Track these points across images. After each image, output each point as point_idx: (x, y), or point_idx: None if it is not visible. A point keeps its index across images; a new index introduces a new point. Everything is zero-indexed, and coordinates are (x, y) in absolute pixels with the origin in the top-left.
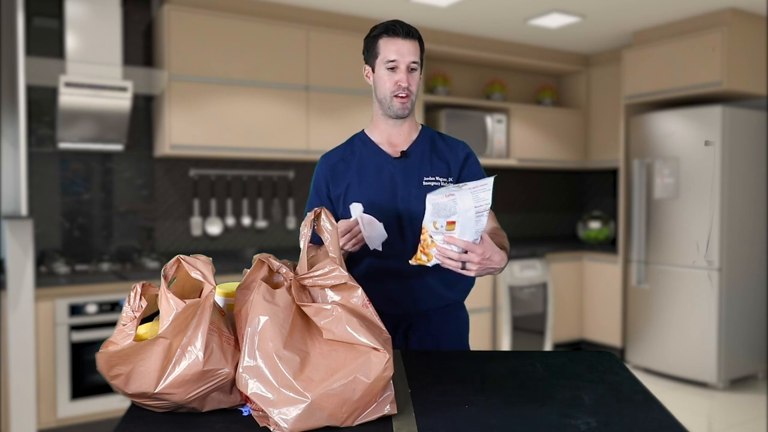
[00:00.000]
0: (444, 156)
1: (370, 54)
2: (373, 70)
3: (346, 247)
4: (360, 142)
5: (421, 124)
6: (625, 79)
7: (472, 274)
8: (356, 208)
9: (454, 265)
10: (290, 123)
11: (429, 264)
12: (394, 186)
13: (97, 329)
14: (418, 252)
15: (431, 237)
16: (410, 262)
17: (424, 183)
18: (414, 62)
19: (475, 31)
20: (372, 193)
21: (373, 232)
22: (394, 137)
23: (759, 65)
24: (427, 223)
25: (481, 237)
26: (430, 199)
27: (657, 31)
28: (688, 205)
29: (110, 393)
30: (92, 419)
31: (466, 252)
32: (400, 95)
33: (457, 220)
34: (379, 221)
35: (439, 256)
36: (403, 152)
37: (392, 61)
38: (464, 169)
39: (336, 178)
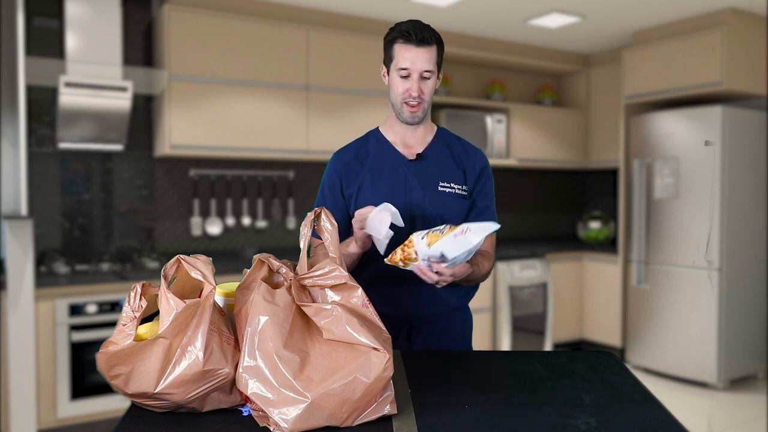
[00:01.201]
0: (461, 163)
1: (386, 56)
2: (388, 73)
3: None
4: (375, 140)
5: (438, 126)
6: (625, 79)
7: (441, 285)
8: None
9: (429, 281)
10: (290, 123)
11: (403, 268)
12: (408, 188)
13: (97, 329)
14: (397, 257)
15: (417, 255)
16: (386, 260)
17: (440, 188)
18: (427, 71)
19: (475, 31)
20: (385, 194)
21: (382, 224)
22: (408, 139)
23: (759, 65)
24: (421, 252)
25: None
26: (448, 245)
27: (657, 31)
28: (688, 205)
29: (110, 393)
30: (92, 419)
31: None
32: (411, 103)
33: (455, 262)
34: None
35: (416, 270)
36: (419, 155)
37: (404, 69)
38: (477, 185)
39: (350, 176)
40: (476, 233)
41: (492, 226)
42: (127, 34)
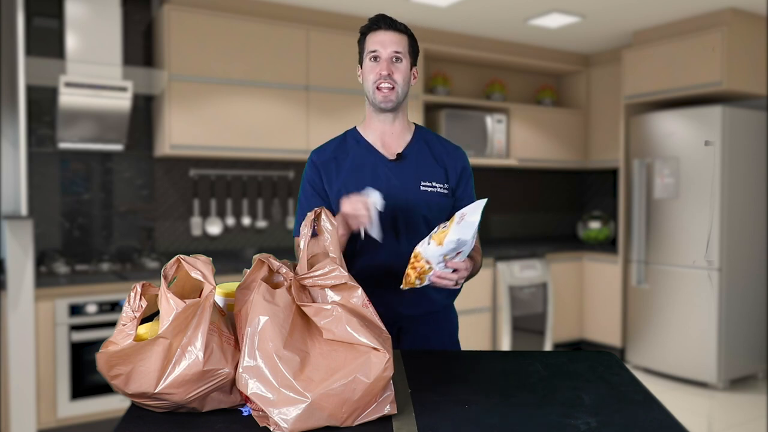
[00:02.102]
0: (442, 161)
1: (360, 53)
2: (362, 66)
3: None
4: (353, 140)
5: (415, 124)
6: (625, 79)
7: (459, 285)
8: (374, 196)
9: (448, 284)
10: (290, 123)
11: (421, 286)
12: (390, 189)
13: (97, 329)
14: (412, 278)
15: (429, 264)
16: (402, 287)
17: (422, 188)
18: (397, 52)
19: (475, 31)
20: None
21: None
22: (387, 137)
23: (759, 65)
24: (434, 257)
25: None
26: (459, 232)
27: (657, 31)
28: (688, 205)
29: (110, 393)
30: (92, 419)
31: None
32: (382, 86)
33: (463, 250)
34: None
35: (435, 278)
36: (398, 155)
37: (373, 51)
38: (460, 185)
39: (329, 176)
40: (473, 213)
41: (481, 202)
42: (127, 34)
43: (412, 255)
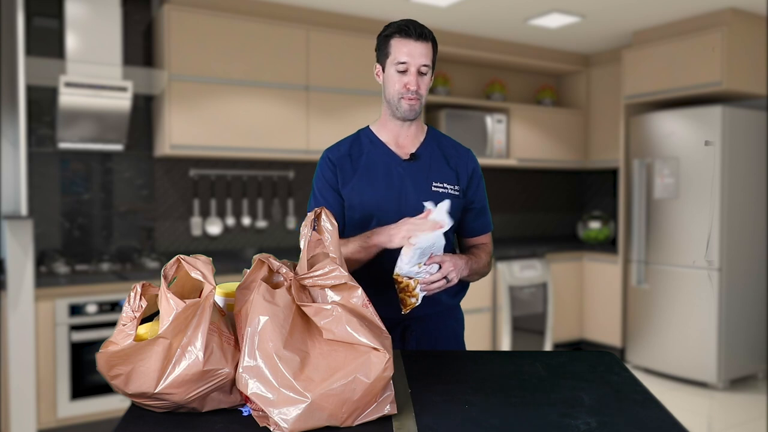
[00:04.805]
0: (454, 163)
1: (381, 53)
2: (384, 70)
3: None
4: (367, 139)
5: (427, 125)
6: (625, 79)
7: (456, 279)
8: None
9: (441, 285)
10: (290, 123)
11: (419, 302)
12: (403, 188)
13: (97, 329)
14: (407, 300)
15: (410, 278)
16: (404, 312)
17: (433, 188)
18: (425, 65)
19: (475, 31)
20: (379, 194)
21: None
22: (401, 138)
23: (759, 65)
24: (407, 268)
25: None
26: (418, 248)
27: (657, 31)
28: (688, 205)
29: (110, 393)
30: (92, 419)
31: (440, 268)
32: (409, 97)
33: (433, 251)
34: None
35: (425, 288)
36: (412, 154)
37: (402, 63)
38: (471, 186)
39: (344, 174)
40: (437, 213)
41: (443, 204)
42: (127, 34)
43: (394, 282)
